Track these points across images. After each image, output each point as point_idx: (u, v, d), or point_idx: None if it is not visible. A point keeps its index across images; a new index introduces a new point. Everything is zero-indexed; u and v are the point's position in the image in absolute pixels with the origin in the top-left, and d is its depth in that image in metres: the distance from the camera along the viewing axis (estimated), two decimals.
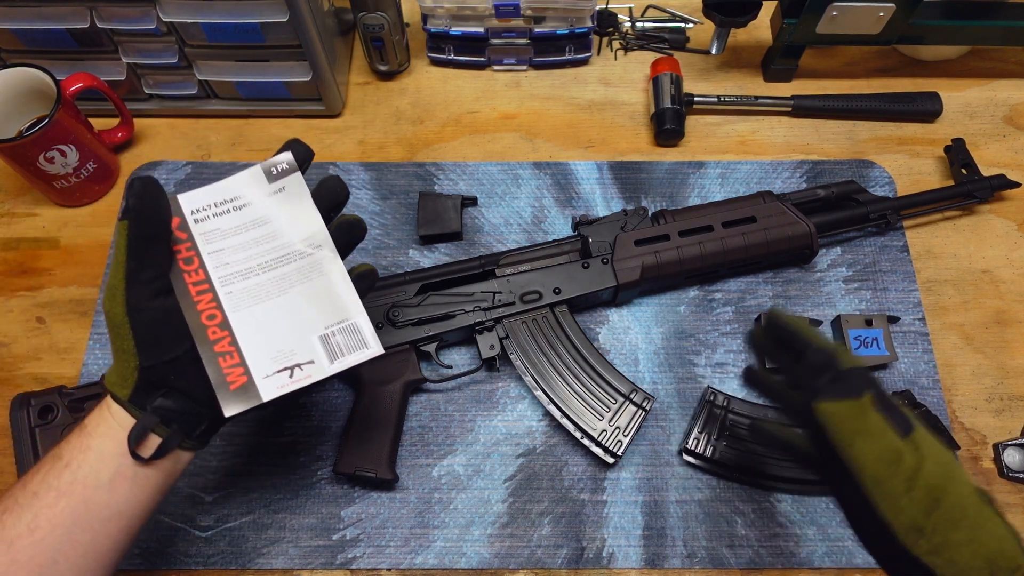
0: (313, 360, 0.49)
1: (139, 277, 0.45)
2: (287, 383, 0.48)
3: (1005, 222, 0.76)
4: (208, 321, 0.47)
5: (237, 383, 0.47)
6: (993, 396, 0.67)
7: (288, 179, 0.50)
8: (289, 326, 0.49)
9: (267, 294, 0.49)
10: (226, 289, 0.48)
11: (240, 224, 0.49)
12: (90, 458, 0.44)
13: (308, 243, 0.50)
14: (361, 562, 0.61)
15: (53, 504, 0.43)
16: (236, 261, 0.49)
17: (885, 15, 0.73)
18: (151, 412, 0.45)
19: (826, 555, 0.61)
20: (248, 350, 0.48)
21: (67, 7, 0.69)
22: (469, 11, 0.79)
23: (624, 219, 0.69)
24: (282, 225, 0.50)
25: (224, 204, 0.50)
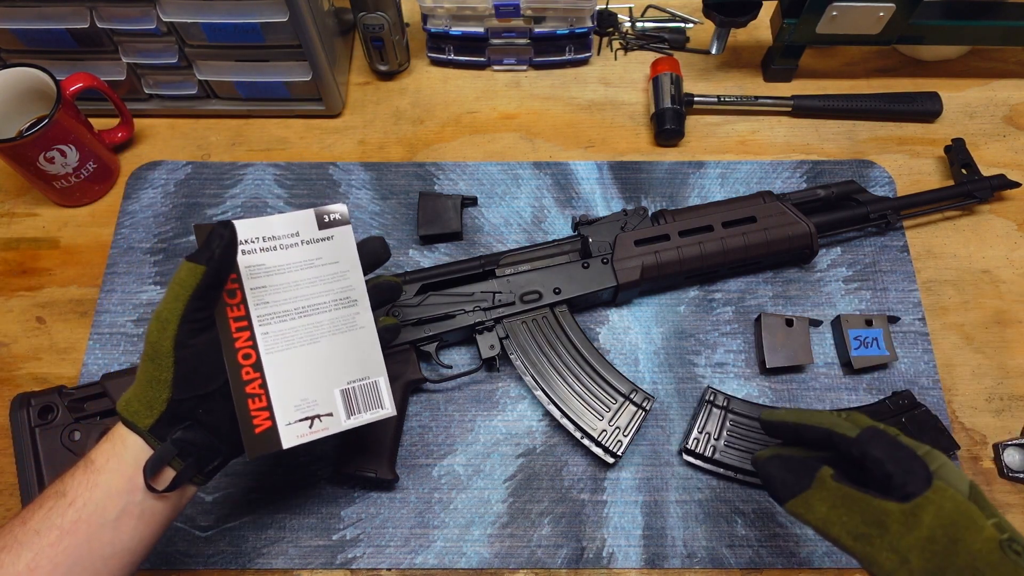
0: (332, 413, 0.49)
1: (194, 316, 0.45)
2: (306, 433, 0.48)
3: (1005, 222, 0.76)
4: (244, 360, 0.48)
5: (262, 427, 0.47)
6: (993, 396, 0.67)
7: (338, 229, 0.52)
8: (315, 376, 0.49)
9: (300, 340, 0.49)
10: (263, 329, 0.48)
11: (284, 264, 0.50)
12: (96, 495, 0.43)
13: (345, 296, 0.51)
14: (361, 562, 0.61)
15: (55, 543, 0.42)
16: (275, 302, 0.49)
17: (885, 15, 0.73)
18: (171, 443, 0.45)
19: (826, 555, 0.61)
20: (276, 395, 0.48)
21: (67, 7, 0.69)
22: (469, 11, 0.79)
23: (624, 219, 0.69)
24: (322, 273, 0.51)
25: (272, 240, 0.50)
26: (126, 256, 0.74)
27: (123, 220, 0.76)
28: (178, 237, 0.75)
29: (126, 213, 0.76)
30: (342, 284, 0.51)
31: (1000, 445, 0.65)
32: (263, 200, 0.77)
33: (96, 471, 0.44)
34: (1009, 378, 0.68)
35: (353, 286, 0.51)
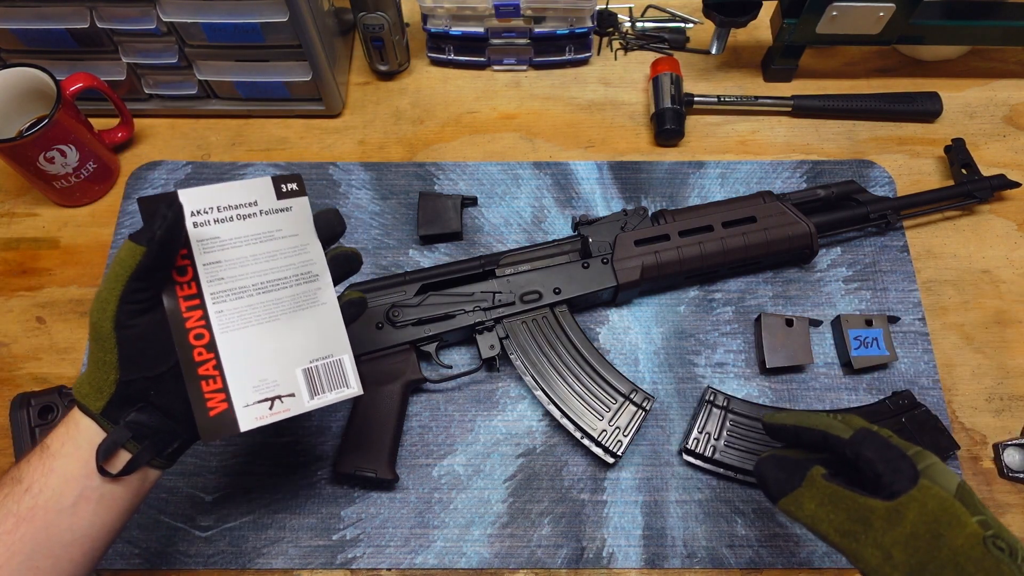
0: (294, 393, 0.47)
1: (134, 297, 0.43)
2: (266, 415, 0.46)
3: (1005, 222, 0.76)
4: (195, 341, 0.45)
5: (217, 409, 0.45)
6: (993, 396, 0.67)
7: (296, 200, 0.49)
8: (275, 354, 0.47)
9: (257, 318, 0.47)
10: (217, 307, 0.46)
11: (241, 236, 0.47)
12: (52, 481, 0.42)
13: (307, 270, 0.49)
14: (361, 562, 0.61)
15: (12, 531, 0.41)
16: (231, 277, 0.46)
17: (885, 15, 0.73)
18: (124, 426, 0.44)
19: (826, 555, 0.61)
20: (232, 376, 0.46)
21: (67, 7, 0.69)
22: (469, 11, 0.79)
23: (624, 219, 0.69)
24: (282, 247, 0.48)
25: (228, 210, 0.47)
26: None
27: (123, 220, 0.76)
28: None
29: (126, 213, 0.76)
30: (302, 258, 0.48)
31: (1000, 445, 0.65)
32: None
33: (51, 456, 0.43)
34: (1009, 378, 0.68)
35: (314, 260, 0.49)
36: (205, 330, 0.45)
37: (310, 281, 0.49)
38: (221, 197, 0.47)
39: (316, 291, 0.49)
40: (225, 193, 0.47)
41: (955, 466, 0.64)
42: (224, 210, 0.47)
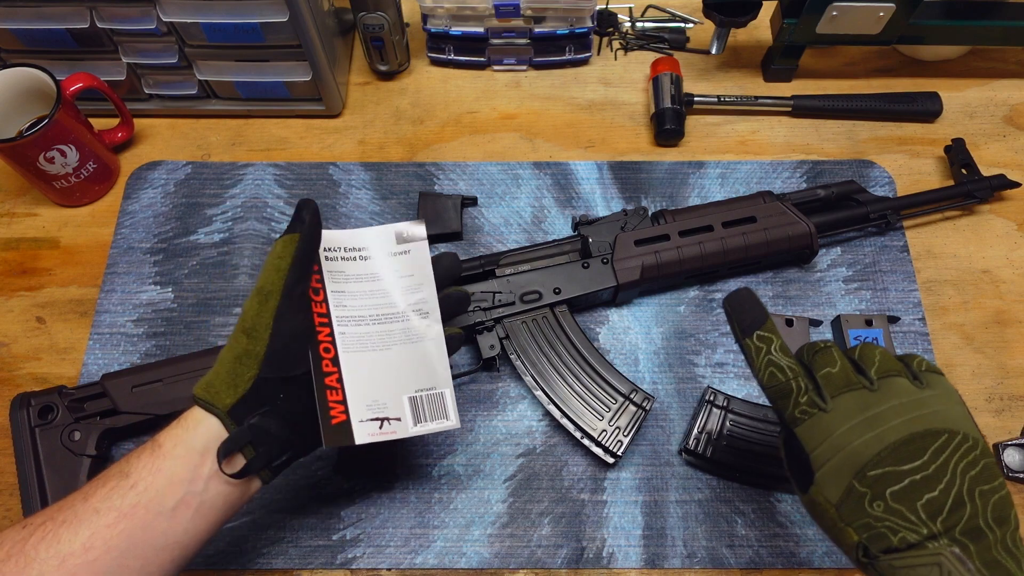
0: (400, 418, 0.51)
1: (295, 290, 0.45)
2: (376, 433, 0.50)
3: (1005, 222, 0.76)
4: (324, 353, 0.49)
5: (338, 419, 0.49)
6: (993, 396, 0.67)
7: (415, 245, 0.55)
8: (386, 380, 0.51)
9: (373, 345, 0.52)
10: (341, 329, 0.51)
11: (361, 273, 0.53)
12: (159, 481, 0.42)
13: (418, 307, 0.54)
14: (361, 562, 0.61)
15: (112, 525, 0.41)
16: (352, 306, 0.52)
17: (885, 15, 0.73)
18: (247, 428, 0.44)
19: (826, 555, 0.61)
20: (351, 391, 0.50)
21: (67, 7, 0.69)
22: (469, 11, 0.79)
23: (624, 219, 0.69)
24: (398, 285, 0.54)
25: (352, 251, 0.53)
26: (126, 256, 0.74)
27: (123, 220, 0.76)
28: (178, 237, 0.75)
29: (126, 213, 0.76)
30: (416, 296, 0.54)
31: (1000, 445, 0.65)
32: (263, 200, 0.77)
33: (162, 456, 0.43)
34: (1009, 378, 0.68)
35: (426, 299, 0.54)
36: (332, 345, 0.50)
37: (421, 318, 0.54)
38: (348, 240, 0.53)
39: (426, 327, 0.54)
40: (352, 238, 0.53)
41: None
42: (349, 251, 0.53)
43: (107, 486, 0.42)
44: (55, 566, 0.40)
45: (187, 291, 0.72)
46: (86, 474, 0.59)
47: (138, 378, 0.62)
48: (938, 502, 0.38)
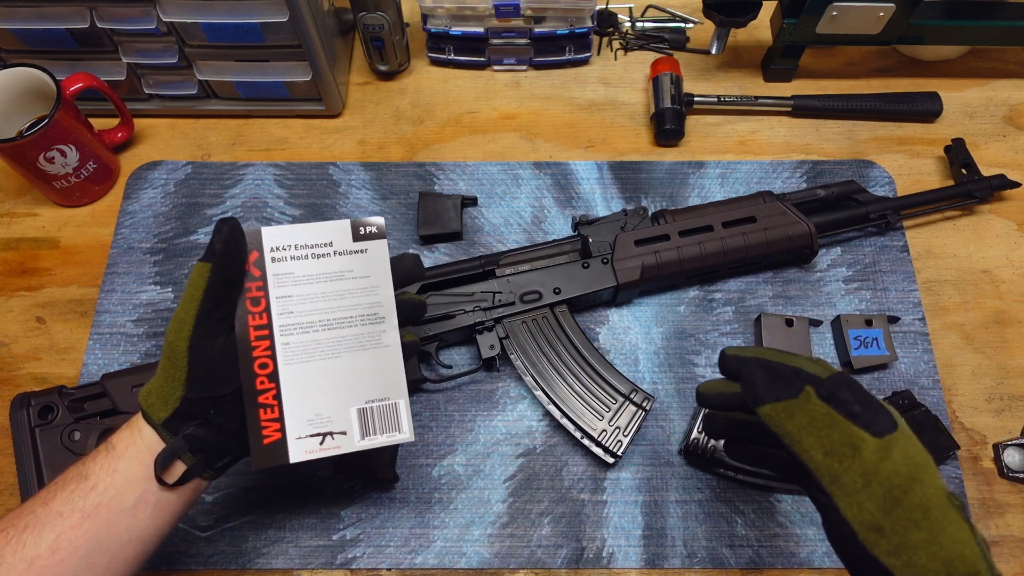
0: (345, 432, 0.48)
1: (209, 317, 0.45)
2: (316, 450, 0.47)
3: (1005, 222, 0.76)
4: (259, 370, 0.47)
5: (271, 438, 0.47)
6: (993, 396, 0.67)
7: (373, 243, 0.51)
8: (331, 391, 0.48)
9: (320, 353, 0.49)
10: (284, 339, 0.48)
11: (313, 274, 0.49)
12: (116, 481, 0.44)
13: (373, 312, 0.50)
14: (361, 562, 0.61)
15: (77, 526, 0.43)
16: (300, 312, 0.48)
17: (885, 15, 0.73)
18: (182, 438, 0.46)
19: (826, 555, 0.61)
20: (289, 407, 0.47)
21: (67, 7, 0.69)
22: (469, 11, 0.79)
23: (624, 219, 0.69)
24: (352, 287, 0.50)
25: (304, 248, 0.49)
26: (126, 256, 0.74)
27: (123, 220, 0.76)
28: (178, 237, 0.75)
29: (126, 213, 0.76)
30: (371, 299, 0.50)
31: (1000, 445, 0.65)
32: (263, 200, 0.77)
33: (116, 456, 0.45)
34: (1009, 378, 0.68)
35: (382, 303, 0.50)
36: (270, 360, 0.47)
37: (375, 323, 0.50)
38: (299, 236, 0.49)
39: (380, 333, 0.50)
40: (304, 232, 0.49)
41: (955, 466, 0.64)
42: (301, 248, 0.49)
43: (67, 489, 0.44)
44: (23, 569, 0.41)
45: None
46: None
47: (138, 378, 0.62)
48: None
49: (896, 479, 0.40)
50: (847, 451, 0.41)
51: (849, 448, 0.41)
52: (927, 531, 0.39)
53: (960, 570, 0.38)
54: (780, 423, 0.43)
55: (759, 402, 0.44)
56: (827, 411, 0.42)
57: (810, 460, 0.42)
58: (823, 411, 0.42)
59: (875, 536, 0.40)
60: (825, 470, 0.41)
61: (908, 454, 0.41)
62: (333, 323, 0.49)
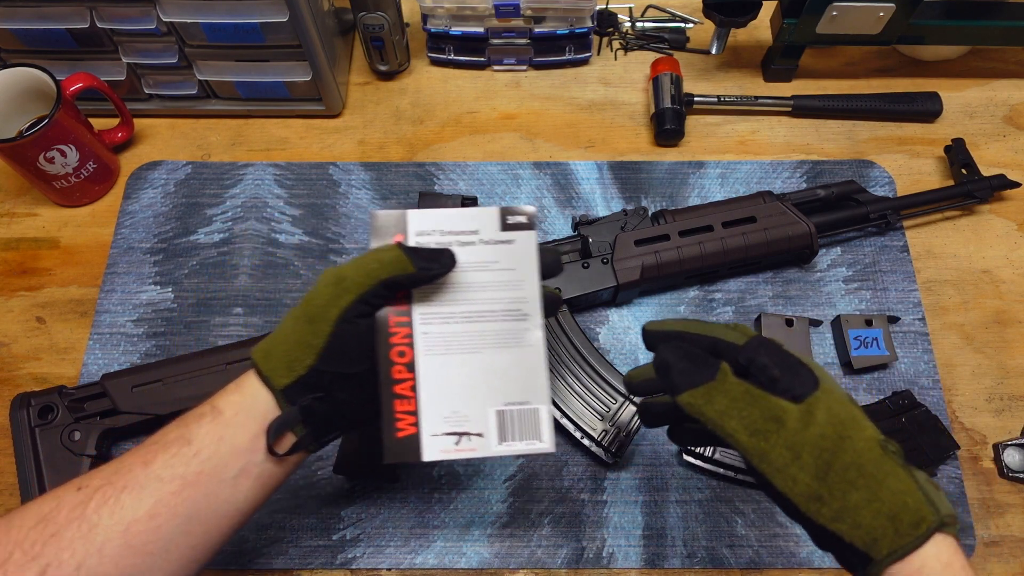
0: (483, 434, 0.45)
1: (372, 299, 0.43)
2: (451, 450, 0.44)
3: (1005, 222, 0.76)
4: (397, 358, 0.45)
5: (405, 432, 0.44)
6: (993, 396, 0.67)
7: (522, 234, 0.47)
8: (470, 388, 0.45)
9: (460, 347, 0.46)
10: (424, 328, 0.45)
11: (458, 262, 0.46)
12: (222, 449, 0.42)
13: (517, 308, 0.46)
14: (361, 562, 0.61)
15: (177, 492, 0.41)
16: (442, 301, 0.46)
17: (885, 15, 0.73)
18: (299, 410, 0.43)
19: (826, 555, 0.61)
20: (425, 401, 0.45)
21: (67, 7, 0.69)
22: (469, 11, 0.79)
23: (624, 219, 0.69)
24: (496, 279, 0.46)
25: (449, 235, 0.46)
26: (126, 256, 0.74)
27: (123, 220, 0.76)
28: (178, 237, 0.75)
29: (126, 213, 0.76)
30: (515, 294, 0.46)
31: (1000, 445, 0.65)
32: (263, 200, 0.77)
33: (224, 424, 0.42)
34: (1009, 378, 0.68)
35: (527, 299, 0.46)
36: (408, 348, 0.45)
37: (518, 319, 0.46)
38: (446, 222, 0.47)
39: (523, 331, 0.46)
40: (451, 218, 0.47)
41: (955, 466, 0.64)
42: (446, 234, 0.46)
43: (168, 451, 0.41)
44: (120, 532, 0.39)
45: (187, 291, 0.72)
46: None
47: (138, 378, 0.62)
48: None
49: (824, 442, 0.39)
50: (771, 426, 0.40)
51: (773, 423, 0.40)
52: (864, 489, 0.38)
53: (906, 520, 0.37)
54: (700, 410, 0.41)
55: (676, 390, 0.42)
56: (745, 388, 0.41)
57: (736, 443, 0.41)
58: (741, 389, 0.41)
59: (816, 505, 0.39)
60: (753, 450, 0.40)
61: (832, 412, 0.40)
62: (474, 316, 0.46)
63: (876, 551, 0.37)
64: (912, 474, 0.39)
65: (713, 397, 0.41)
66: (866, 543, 0.37)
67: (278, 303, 0.71)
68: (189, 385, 0.62)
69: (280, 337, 0.44)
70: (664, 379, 0.43)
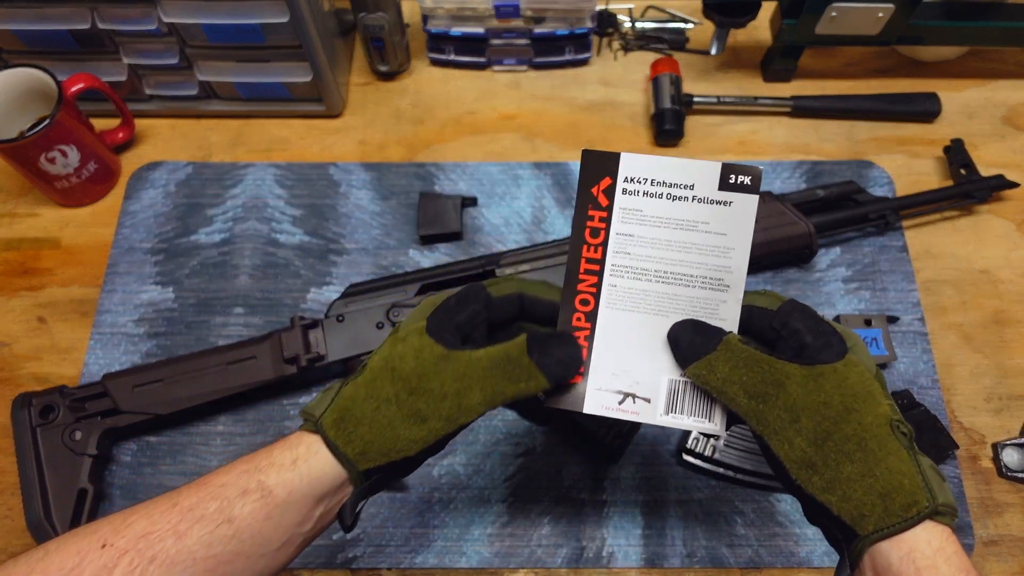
0: (650, 400, 0.43)
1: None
2: (613, 408, 0.43)
3: (1004, 222, 0.76)
4: (580, 306, 0.43)
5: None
6: (992, 396, 0.68)
7: (742, 196, 0.43)
8: (649, 351, 0.43)
9: (647, 307, 0.43)
10: (612, 280, 0.43)
11: (664, 216, 0.43)
12: (266, 528, 0.39)
13: (718, 277, 0.43)
14: (361, 562, 0.61)
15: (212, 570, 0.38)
16: (638, 255, 0.43)
17: (884, 16, 0.73)
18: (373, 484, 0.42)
19: (825, 554, 0.61)
20: (597, 353, 0.43)
21: (68, 8, 0.69)
22: (469, 12, 0.79)
23: None
24: (703, 242, 0.43)
25: (661, 186, 0.43)
26: (127, 256, 0.74)
27: (124, 220, 0.76)
28: (179, 237, 0.75)
29: (127, 213, 0.76)
30: (720, 262, 0.43)
31: (999, 445, 0.65)
32: (264, 200, 0.77)
33: (274, 505, 0.39)
34: (1008, 378, 0.68)
35: (732, 269, 0.43)
36: (592, 298, 0.43)
37: (717, 290, 0.43)
38: (660, 171, 0.43)
39: (720, 303, 0.43)
40: (666, 167, 0.43)
41: (954, 465, 0.64)
42: (658, 184, 0.43)
43: (205, 526, 0.38)
44: None
45: (188, 291, 0.72)
46: (87, 473, 0.60)
47: (139, 378, 0.62)
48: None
49: (827, 410, 0.38)
50: (771, 390, 0.39)
51: (773, 387, 0.39)
52: (860, 463, 0.37)
53: (898, 501, 0.36)
54: (705, 380, 0.41)
55: (684, 363, 0.42)
56: (748, 354, 0.40)
57: (737, 408, 0.40)
58: (744, 356, 0.40)
59: (808, 473, 0.38)
60: (752, 413, 0.39)
61: (846, 384, 0.39)
62: (670, 277, 0.43)
63: (862, 527, 0.37)
64: (916, 458, 0.38)
65: (715, 366, 0.41)
66: (853, 517, 0.37)
67: (278, 303, 0.72)
68: (190, 385, 0.62)
69: (374, 421, 0.41)
70: (675, 352, 0.43)
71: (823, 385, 0.39)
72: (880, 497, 0.37)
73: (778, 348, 0.41)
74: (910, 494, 0.36)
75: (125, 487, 0.64)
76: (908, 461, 0.37)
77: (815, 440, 0.38)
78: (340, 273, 0.73)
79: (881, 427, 0.38)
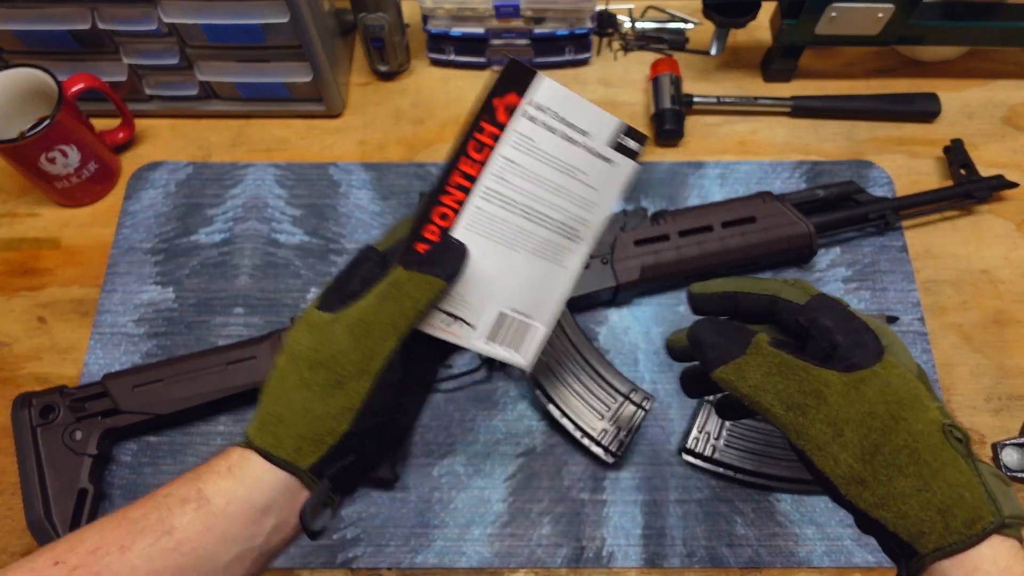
0: (475, 326, 0.43)
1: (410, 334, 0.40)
2: (438, 327, 0.43)
3: (1004, 222, 0.76)
4: (438, 219, 0.42)
5: None
6: (992, 396, 0.68)
7: (625, 160, 0.44)
8: (486, 281, 0.43)
9: (500, 236, 0.43)
10: (480, 203, 0.42)
11: (551, 154, 0.43)
12: (209, 541, 0.37)
13: (574, 227, 0.44)
14: (361, 561, 0.62)
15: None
16: (513, 185, 0.43)
17: (884, 16, 0.74)
18: (328, 482, 0.39)
19: (825, 554, 0.61)
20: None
21: (68, 8, 0.69)
22: (469, 12, 0.79)
23: (624, 219, 0.69)
24: (574, 189, 0.44)
25: (562, 123, 0.43)
26: (127, 256, 0.74)
27: (124, 220, 0.76)
28: (179, 237, 0.75)
29: (127, 213, 0.76)
30: (582, 213, 0.44)
31: (999, 444, 0.65)
32: (264, 200, 0.77)
33: (213, 515, 0.37)
34: (1008, 378, 0.68)
35: (589, 223, 0.44)
36: (453, 214, 0.42)
37: (569, 238, 0.44)
38: (570, 108, 0.43)
39: (568, 251, 0.45)
40: (576, 108, 0.43)
41: None
42: (559, 120, 0.43)
43: (146, 538, 0.36)
44: None
45: (188, 291, 0.72)
46: (87, 473, 0.60)
47: (139, 378, 0.62)
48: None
49: (873, 421, 0.35)
50: (810, 400, 0.36)
51: (812, 397, 0.36)
52: (915, 476, 0.34)
53: (960, 517, 0.33)
54: (735, 386, 0.38)
55: (710, 367, 0.39)
56: (781, 360, 0.37)
57: (774, 419, 0.37)
58: (776, 361, 0.37)
59: (858, 489, 0.35)
60: (791, 425, 0.37)
61: (889, 389, 0.36)
62: (533, 215, 0.43)
63: (922, 545, 0.34)
64: (976, 466, 0.35)
65: (746, 372, 0.38)
66: (912, 535, 0.34)
67: (278, 303, 0.72)
68: (190, 385, 0.62)
69: (291, 412, 0.39)
70: (699, 355, 0.41)
71: (865, 393, 0.36)
72: (939, 513, 0.34)
73: (808, 348, 0.39)
74: (973, 508, 0.33)
75: (125, 487, 0.64)
76: (967, 471, 0.34)
77: (863, 455, 0.35)
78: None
79: (933, 435, 0.35)
